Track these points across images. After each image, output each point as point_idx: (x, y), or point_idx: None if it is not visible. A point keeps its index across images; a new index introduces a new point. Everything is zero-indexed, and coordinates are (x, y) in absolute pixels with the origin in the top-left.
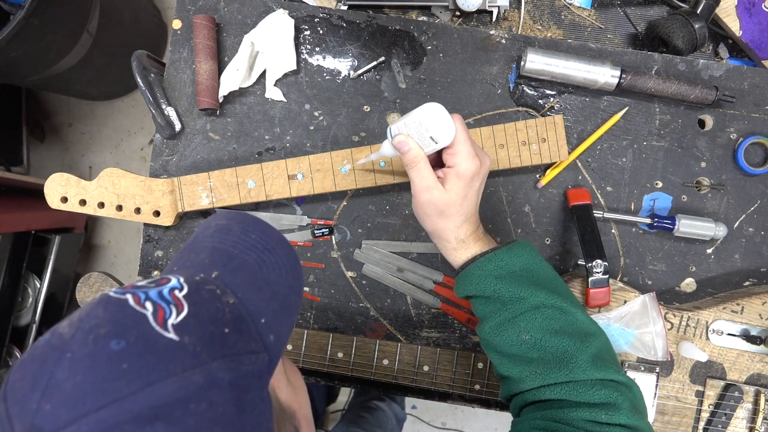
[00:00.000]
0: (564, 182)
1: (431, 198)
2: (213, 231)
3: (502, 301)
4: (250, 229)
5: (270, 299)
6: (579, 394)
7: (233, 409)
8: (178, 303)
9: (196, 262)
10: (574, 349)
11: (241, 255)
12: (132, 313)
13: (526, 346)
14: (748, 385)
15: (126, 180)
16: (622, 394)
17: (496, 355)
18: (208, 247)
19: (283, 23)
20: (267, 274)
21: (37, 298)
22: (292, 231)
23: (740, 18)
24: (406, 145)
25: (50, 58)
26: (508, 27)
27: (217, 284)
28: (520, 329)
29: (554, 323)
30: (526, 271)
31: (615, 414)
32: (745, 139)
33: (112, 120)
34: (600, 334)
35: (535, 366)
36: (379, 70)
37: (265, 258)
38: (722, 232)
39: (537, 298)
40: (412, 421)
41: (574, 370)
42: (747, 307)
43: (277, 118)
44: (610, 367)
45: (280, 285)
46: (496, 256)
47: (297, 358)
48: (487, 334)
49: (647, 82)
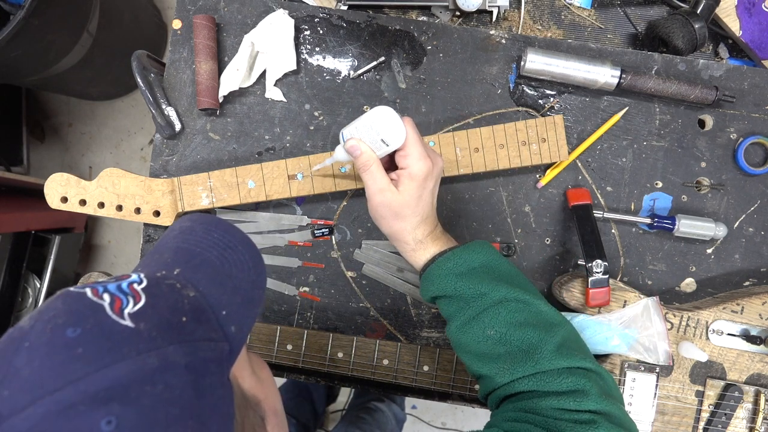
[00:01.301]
0: (564, 182)
1: (385, 200)
2: (177, 233)
3: (464, 299)
4: (212, 228)
5: (232, 293)
6: (546, 383)
7: (191, 392)
8: (135, 294)
9: (160, 262)
10: (538, 340)
11: (204, 253)
12: (89, 304)
13: (492, 342)
14: (748, 385)
15: (126, 180)
16: (591, 381)
17: (466, 355)
18: (172, 247)
19: (283, 23)
20: (229, 270)
21: (37, 298)
22: (292, 231)
23: (740, 18)
24: (358, 149)
25: (50, 58)
26: (508, 27)
27: (178, 279)
28: (484, 325)
29: (517, 316)
30: (485, 267)
31: (583, 400)
32: (745, 139)
33: (112, 120)
34: (564, 323)
35: (503, 362)
36: (379, 70)
37: (227, 255)
38: (722, 232)
39: (498, 292)
40: (412, 421)
41: (540, 361)
42: (747, 307)
43: (277, 118)
44: (576, 355)
45: (242, 280)
46: (455, 254)
47: (297, 357)
48: (454, 334)
49: (647, 82)
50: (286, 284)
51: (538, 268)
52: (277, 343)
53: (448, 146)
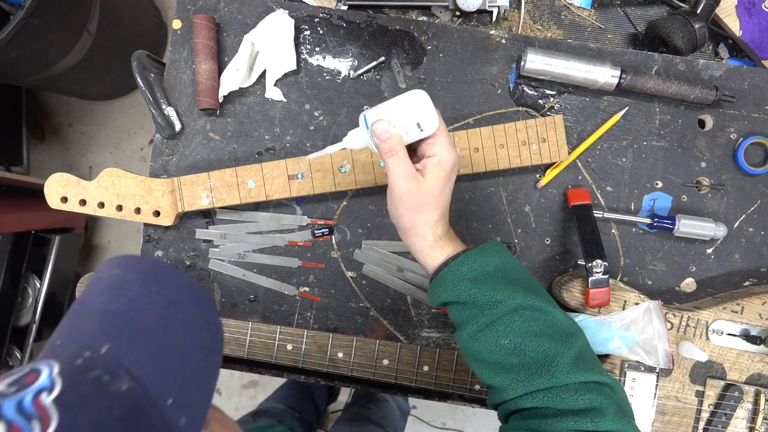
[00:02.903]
0: (564, 182)
1: (411, 189)
2: (105, 285)
3: (478, 305)
4: (150, 279)
5: (178, 370)
6: (562, 400)
7: None
8: (43, 416)
9: (83, 332)
10: (554, 352)
11: (140, 317)
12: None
13: (506, 352)
14: (748, 385)
15: (126, 180)
16: (607, 398)
17: (476, 363)
18: (98, 309)
19: (283, 23)
20: (173, 338)
21: (37, 298)
22: (292, 231)
23: (740, 18)
24: (388, 132)
25: (50, 58)
26: (508, 27)
27: (107, 365)
28: (498, 334)
29: (533, 325)
30: (500, 271)
31: (600, 420)
32: (745, 139)
33: (112, 120)
34: (579, 332)
35: (516, 373)
36: (379, 70)
37: (170, 316)
38: (722, 232)
39: (514, 300)
40: (412, 421)
41: (556, 375)
42: (747, 307)
43: (277, 118)
44: (593, 368)
45: (191, 348)
46: (469, 257)
47: (297, 357)
48: (465, 341)
49: (647, 82)
50: (286, 284)
51: (538, 268)
52: (277, 343)
53: None
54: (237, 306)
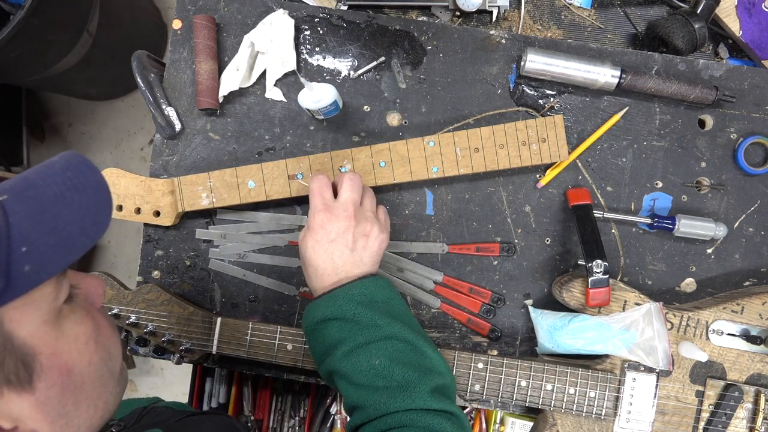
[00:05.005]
0: (564, 182)
1: None
2: (42, 165)
3: (360, 325)
4: (70, 167)
5: (48, 233)
6: (415, 420)
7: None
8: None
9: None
10: (417, 380)
11: (42, 187)
12: None
13: (374, 373)
14: (748, 385)
15: (126, 180)
16: (454, 425)
17: (344, 383)
18: (24, 175)
19: (283, 23)
20: (58, 210)
21: None
22: (292, 231)
23: (740, 18)
24: None
25: (50, 58)
26: (508, 27)
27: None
28: (371, 355)
29: (403, 355)
30: (386, 303)
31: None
32: (745, 139)
33: (112, 120)
34: (447, 374)
35: (380, 395)
36: (379, 70)
37: (67, 195)
38: (722, 232)
39: (392, 328)
40: None
41: (414, 399)
42: (747, 307)
43: (277, 118)
44: (447, 401)
45: (69, 224)
46: (363, 284)
47: (297, 357)
48: (338, 360)
49: (647, 82)
50: (286, 284)
51: (538, 268)
52: (278, 343)
53: (448, 146)
54: (237, 306)
